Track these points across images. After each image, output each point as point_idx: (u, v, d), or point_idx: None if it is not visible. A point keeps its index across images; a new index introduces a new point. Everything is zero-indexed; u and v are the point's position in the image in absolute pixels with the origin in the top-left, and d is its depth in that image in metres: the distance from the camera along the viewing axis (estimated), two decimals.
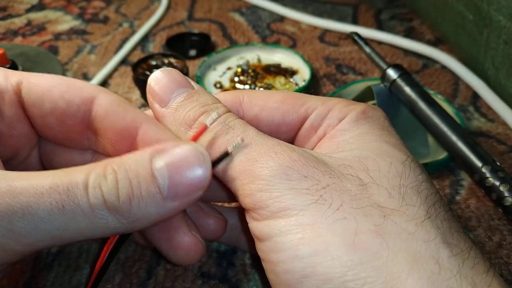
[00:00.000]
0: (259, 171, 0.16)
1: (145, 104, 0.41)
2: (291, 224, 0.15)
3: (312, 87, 0.42)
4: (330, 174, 0.16)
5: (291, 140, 0.20)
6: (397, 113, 0.33)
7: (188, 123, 0.18)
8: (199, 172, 0.15)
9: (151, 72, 0.40)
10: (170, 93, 0.18)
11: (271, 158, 0.16)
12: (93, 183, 0.14)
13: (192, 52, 0.48)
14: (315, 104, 0.20)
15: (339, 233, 0.14)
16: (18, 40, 0.53)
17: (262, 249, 0.16)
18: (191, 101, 0.18)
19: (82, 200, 0.14)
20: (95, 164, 0.15)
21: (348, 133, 0.18)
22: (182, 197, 0.15)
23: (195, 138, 0.17)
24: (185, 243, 0.19)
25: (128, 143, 0.18)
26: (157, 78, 0.19)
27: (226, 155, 0.16)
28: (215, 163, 0.17)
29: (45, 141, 0.21)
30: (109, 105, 0.18)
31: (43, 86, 0.18)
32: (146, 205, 0.15)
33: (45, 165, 0.22)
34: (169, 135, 0.18)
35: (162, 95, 0.18)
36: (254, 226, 0.16)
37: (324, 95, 0.41)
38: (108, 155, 0.20)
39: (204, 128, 0.17)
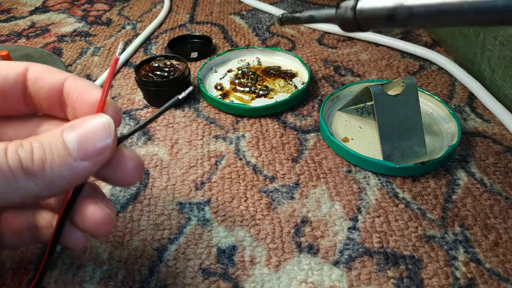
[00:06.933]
0: None
1: (148, 105, 0.41)
2: None
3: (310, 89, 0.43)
4: None
5: None
6: (394, 113, 0.33)
7: None
8: (106, 136, 0.18)
9: (153, 73, 0.41)
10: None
11: None
12: (11, 149, 0.17)
13: (194, 54, 0.48)
14: None
15: None
16: (22, 41, 0.53)
17: None
18: None
19: (2, 163, 0.16)
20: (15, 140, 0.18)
21: None
22: (92, 157, 0.17)
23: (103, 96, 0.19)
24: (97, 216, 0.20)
25: (57, 97, 0.21)
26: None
27: None
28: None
29: None
30: (38, 71, 0.21)
31: None
32: (59, 167, 0.17)
33: None
34: (86, 83, 0.21)
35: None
36: None
37: (323, 96, 0.42)
38: (44, 112, 0.22)
39: (116, 59, 0.19)
